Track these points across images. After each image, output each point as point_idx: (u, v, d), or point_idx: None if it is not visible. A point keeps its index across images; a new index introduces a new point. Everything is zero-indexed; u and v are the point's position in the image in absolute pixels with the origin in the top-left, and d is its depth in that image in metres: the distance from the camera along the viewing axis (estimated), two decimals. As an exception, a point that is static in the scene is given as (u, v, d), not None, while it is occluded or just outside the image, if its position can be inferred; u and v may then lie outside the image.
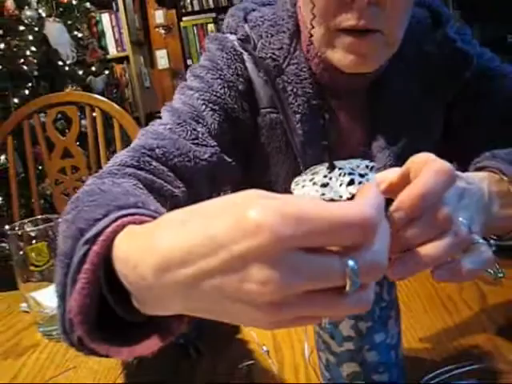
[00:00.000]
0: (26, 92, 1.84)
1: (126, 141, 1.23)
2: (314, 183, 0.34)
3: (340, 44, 0.55)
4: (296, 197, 0.27)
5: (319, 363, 0.40)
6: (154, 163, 0.55)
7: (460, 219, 0.34)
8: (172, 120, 0.60)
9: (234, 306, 0.26)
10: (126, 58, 2.71)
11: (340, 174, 0.34)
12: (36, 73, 1.79)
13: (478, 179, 0.43)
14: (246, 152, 0.66)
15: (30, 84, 1.84)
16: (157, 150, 0.56)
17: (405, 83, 0.64)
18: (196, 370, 0.47)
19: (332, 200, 0.32)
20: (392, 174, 0.38)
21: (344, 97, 0.65)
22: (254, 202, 0.25)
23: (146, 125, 0.65)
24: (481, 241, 0.34)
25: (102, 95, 2.28)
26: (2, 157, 1.31)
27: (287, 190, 0.63)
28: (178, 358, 0.49)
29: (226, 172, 0.63)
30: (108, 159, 1.23)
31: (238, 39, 0.63)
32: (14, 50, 1.75)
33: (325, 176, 0.34)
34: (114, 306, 0.33)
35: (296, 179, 0.37)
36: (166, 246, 0.27)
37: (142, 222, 0.33)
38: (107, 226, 0.33)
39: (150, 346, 0.32)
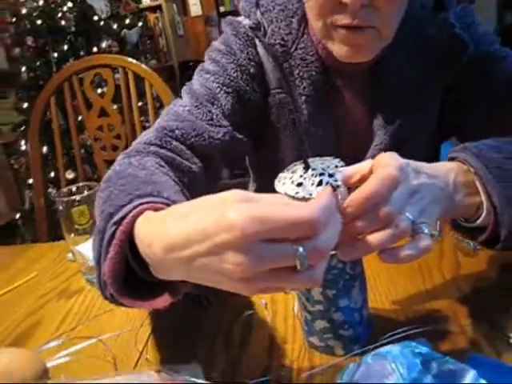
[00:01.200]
0: (65, 47, 1.92)
1: (156, 99, 1.32)
2: (292, 182, 0.42)
3: (336, 37, 0.59)
4: (266, 198, 0.35)
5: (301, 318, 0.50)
6: (174, 143, 0.64)
7: (406, 214, 0.41)
8: (190, 102, 0.68)
9: (219, 278, 0.36)
10: (159, 6, 2.72)
11: (312, 175, 0.41)
12: (73, 28, 1.86)
13: (446, 170, 0.49)
14: (257, 129, 0.74)
15: (67, 39, 1.93)
16: (176, 131, 0.64)
17: (406, 64, 0.68)
18: (207, 315, 0.59)
19: (304, 198, 0.40)
20: (364, 167, 0.45)
21: (348, 76, 0.70)
22: (232, 205, 0.34)
23: (180, 73, 0.74)
24: (425, 231, 0.42)
25: (137, 47, 2.35)
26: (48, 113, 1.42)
27: (295, 157, 0.72)
28: (193, 305, 0.61)
29: (238, 148, 0.71)
30: (140, 117, 1.31)
31: (250, 27, 0.68)
32: (52, 6, 1.82)
33: (300, 176, 0.42)
34: (138, 271, 0.43)
35: (279, 176, 0.44)
36: (171, 233, 0.37)
37: (156, 209, 0.43)
38: (130, 212, 0.42)
39: (163, 301, 0.43)
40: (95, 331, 0.60)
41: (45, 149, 2.05)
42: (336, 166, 0.43)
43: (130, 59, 1.27)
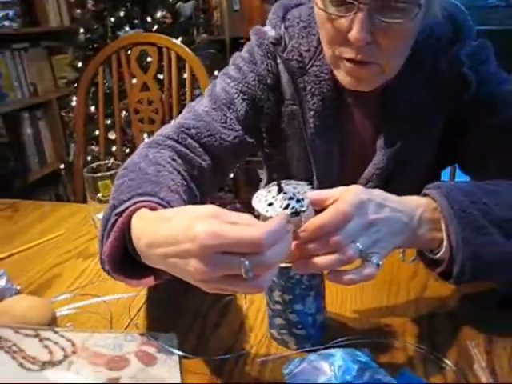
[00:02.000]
0: (121, 14, 2.02)
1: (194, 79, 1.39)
2: (266, 200, 0.49)
3: (342, 67, 0.64)
4: (233, 217, 0.43)
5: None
6: (189, 140, 0.72)
7: (357, 244, 0.47)
8: (209, 104, 0.75)
9: (186, 276, 0.44)
10: (218, -21, 2.75)
11: (283, 198, 0.49)
12: (130, -3, 1.95)
13: (414, 205, 0.55)
14: (268, 134, 0.81)
15: (125, 6, 2.02)
16: (192, 130, 0.72)
17: (415, 92, 0.72)
18: (192, 297, 0.68)
19: (270, 217, 0.47)
20: (336, 193, 0.52)
21: (360, 96, 0.75)
22: (201, 220, 0.42)
23: (231, 49, 0.80)
24: (374, 261, 0.48)
25: (190, 19, 2.41)
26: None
27: (299, 168, 0.79)
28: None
29: (247, 150, 0.79)
30: (178, 96, 1.39)
31: (271, 42, 0.74)
32: (114, -27, 1.91)
33: (273, 196, 0.49)
34: (134, 255, 0.52)
35: (257, 192, 0.51)
36: (154, 233, 0.46)
37: (151, 208, 0.51)
38: (129, 207, 0.51)
39: (148, 281, 0.52)
40: (101, 292, 0.70)
41: (93, 108, 2.20)
42: (305, 193, 0.49)
43: (174, 40, 1.35)
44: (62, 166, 2.48)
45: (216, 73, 2.14)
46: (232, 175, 2.45)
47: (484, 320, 0.59)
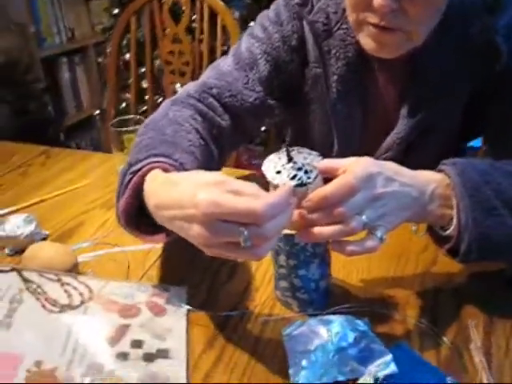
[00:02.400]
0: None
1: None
2: (275, 167, 0.50)
3: (366, 31, 0.62)
4: (238, 185, 0.44)
5: (274, 275, 0.61)
6: (210, 99, 0.72)
7: (362, 217, 0.48)
8: (233, 63, 0.75)
9: (190, 239, 0.46)
10: None
11: (292, 167, 0.49)
12: None
13: (426, 180, 0.54)
14: (291, 96, 0.80)
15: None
16: (214, 90, 0.73)
17: (443, 60, 0.68)
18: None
19: (277, 185, 0.48)
20: (346, 162, 0.52)
21: (386, 61, 0.72)
22: (205, 187, 0.44)
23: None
24: (378, 234, 0.48)
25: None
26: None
27: (320, 132, 0.79)
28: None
29: (268, 112, 0.78)
30: (209, 49, 1.38)
31: (296, 3, 0.71)
32: None
33: (282, 164, 0.50)
34: (146, 211, 0.55)
35: (268, 157, 0.52)
36: (162, 195, 0.48)
37: (164, 169, 0.53)
38: (144, 167, 0.53)
39: (160, 238, 0.55)
40: (120, 242, 0.74)
41: (127, 56, 2.20)
42: (314, 166, 0.49)
43: (207, -7, 1.31)
44: (97, 112, 2.53)
45: (252, 23, 2.09)
46: (263, 128, 2.45)
47: (488, 300, 0.59)
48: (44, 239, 0.76)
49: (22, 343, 0.50)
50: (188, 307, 0.58)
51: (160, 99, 2.27)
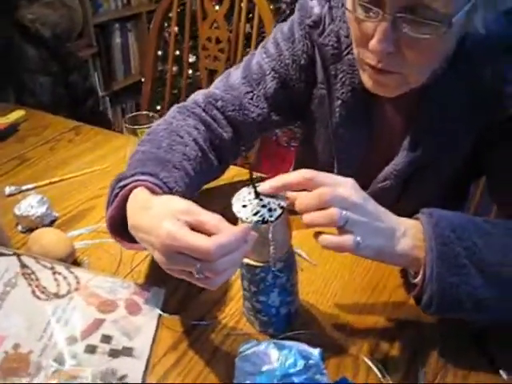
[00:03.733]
0: None
1: (261, 28, 1.36)
2: (243, 200, 0.52)
3: (365, 69, 0.61)
4: (204, 216, 0.48)
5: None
6: (215, 111, 0.76)
7: (344, 212, 0.50)
8: (242, 76, 0.77)
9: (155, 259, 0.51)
10: None
11: (257, 203, 0.52)
12: None
13: (401, 220, 0.56)
14: (297, 113, 0.81)
15: None
16: (219, 102, 0.75)
17: (450, 99, 0.66)
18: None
19: (241, 219, 0.51)
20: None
21: None
22: (170, 218, 0.48)
23: None
24: (357, 238, 0.50)
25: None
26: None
27: (324, 152, 0.81)
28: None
29: (271, 126, 0.81)
30: (244, 40, 1.38)
31: (308, 25, 0.71)
32: None
33: (249, 199, 0.52)
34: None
35: (241, 190, 0.54)
36: (135, 217, 0.53)
37: (148, 187, 0.57)
38: (130, 183, 0.58)
39: (140, 247, 0.60)
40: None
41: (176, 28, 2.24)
42: (279, 205, 0.52)
43: (248, -19, 1.31)
44: (143, 80, 2.60)
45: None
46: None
47: (447, 350, 0.59)
48: (53, 221, 0.84)
49: (8, 325, 0.58)
50: (158, 310, 0.64)
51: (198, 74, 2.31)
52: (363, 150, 0.77)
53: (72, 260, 0.72)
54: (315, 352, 0.58)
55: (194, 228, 0.50)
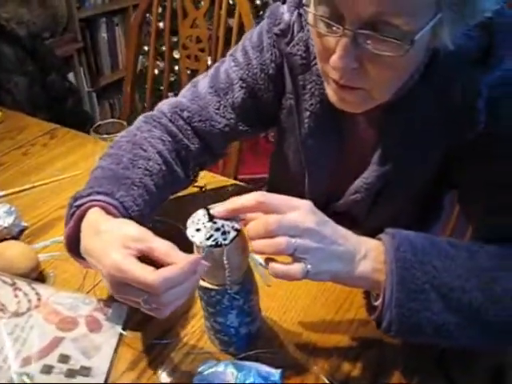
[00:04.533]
0: None
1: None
2: (197, 223, 0.51)
3: (329, 82, 0.60)
4: (155, 242, 0.47)
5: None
6: (181, 121, 0.74)
7: (293, 240, 0.48)
8: (208, 86, 0.75)
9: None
10: None
11: (211, 227, 0.50)
12: None
13: (362, 240, 0.54)
14: (266, 123, 0.80)
15: None
16: (185, 113, 0.74)
17: (420, 113, 0.64)
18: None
19: (195, 244, 0.50)
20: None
21: None
22: (119, 246, 0.47)
23: None
24: (308, 266, 0.49)
25: None
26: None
27: (295, 160, 0.79)
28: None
29: (239, 136, 0.80)
30: (224, 40, 1.36)
31: (275, 33, 0.69)
32: None
33: (203, 222, 0.51)
34: None
35: (196, 212, 0.53)
36: (87, 240, 0.52)
37: (103, 208, 0.56)
38: (85, 203, 0.57)
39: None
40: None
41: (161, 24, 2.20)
42: (234, 227, 0.51)
43: (227, -19, 1.28)
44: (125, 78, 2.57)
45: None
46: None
47: (409, 372, 0.59)
48: (22, 231, 0.82)
49: (-38, 347, 0.57)
50: (119, 328, 0.63)
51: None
52: (333, 162, 0.76)
53: (36, 274, 0.71)
54: (275, 373, 0.58)
55: (146, 255, 0.49)
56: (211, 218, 0.51)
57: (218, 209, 0.51)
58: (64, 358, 0.58)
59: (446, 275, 0.53)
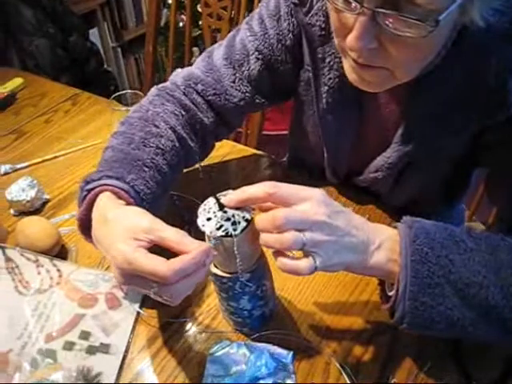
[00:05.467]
0: None
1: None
2: (208, 212, 0.51)
3: (348, 59, 0.56)
4: (166, 231, 0.47)
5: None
6: (195, 95, 0.72)
7: (302, 235, 0.47)
8: (223, 57, 0.72)
9: None
10: None
11: (221, 217, 0.50)
12: None
13: (377, 229, 0.53)
14: (284, 95, 0.76)
15: None
16: (199, 86, 0.72)
17: (448, 92, 0.60)
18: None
19: (205, 233, 0.50)
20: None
21: None
22: (124, 240, 0.46)
23: None
24: (317, 261, 0.48)
25: None
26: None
27: (313, 135, 0.77)
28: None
29: (255, 109, 0.77)
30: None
31: (292, 2, 0.64)
32: None
33: (214, 211, 0.50)
34: None
35: (207, 200, 0.52)
36: (95, 228, 0.53)
37: (113, 192, 0.56)
38: (96, 187, 0.57)
39: None
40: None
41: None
42: (244, 218, 0.50)
43: None
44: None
45: None
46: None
47: (420, 361, 0.58)
48: (45, 203, 0.84)
49: (-10, 322, 0.60)
50: (137, 307, 0.64)
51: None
52: (353, 138, 0.72)
53: (58, 249, 0.73)
54: (287, 354, 0.59)
55: (158, 245, 0.49)
56: (221, 206, 0.50)
57: (228, 197, 0.50)
58: (85, 335, 0.61)
59: (464, 270, 0.50)
